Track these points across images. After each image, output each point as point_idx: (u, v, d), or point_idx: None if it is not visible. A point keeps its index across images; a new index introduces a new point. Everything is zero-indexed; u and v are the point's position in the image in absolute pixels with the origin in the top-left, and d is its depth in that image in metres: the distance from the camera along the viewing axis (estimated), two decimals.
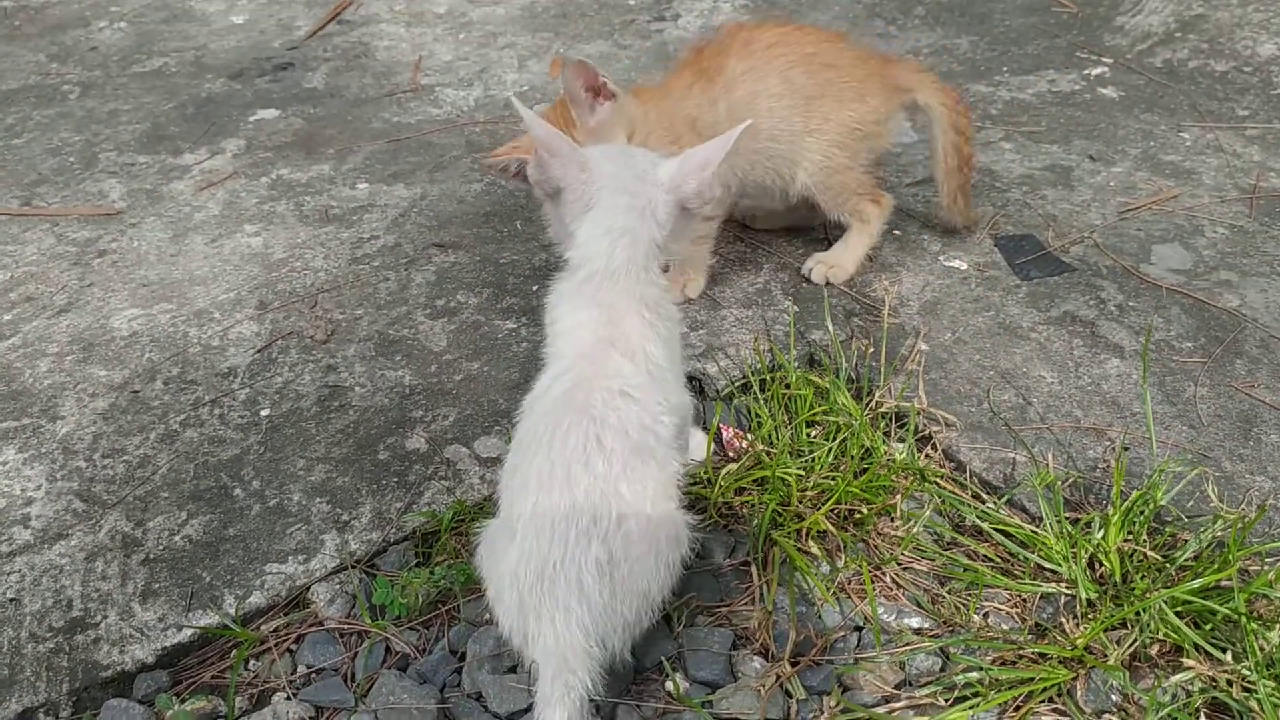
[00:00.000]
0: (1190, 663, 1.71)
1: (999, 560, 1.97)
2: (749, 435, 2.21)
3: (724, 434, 2.26)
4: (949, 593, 1.93)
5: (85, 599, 1.94)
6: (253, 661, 1.88)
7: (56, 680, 1.80)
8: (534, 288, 2.73)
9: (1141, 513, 1.93)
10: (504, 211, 3.09)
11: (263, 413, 2.37)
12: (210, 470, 2.22)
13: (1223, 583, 1.81)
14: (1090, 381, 2.37)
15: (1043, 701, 1.73)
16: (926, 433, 2.25)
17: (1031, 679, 1.73)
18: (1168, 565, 1.86)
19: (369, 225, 3.06)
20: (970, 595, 1.90)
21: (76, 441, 2.29)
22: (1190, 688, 1.71)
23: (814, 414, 2.22)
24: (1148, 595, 1.79)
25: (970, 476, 2.16)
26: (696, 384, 2.42)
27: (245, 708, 1.80)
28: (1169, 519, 1.98)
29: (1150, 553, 1.88)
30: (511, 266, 2.84)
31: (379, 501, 2.14)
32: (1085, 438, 2.23)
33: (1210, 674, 1.70)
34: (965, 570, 1.94)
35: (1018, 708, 1.72)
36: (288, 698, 1.80)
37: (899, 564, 1.97)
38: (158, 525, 2.09)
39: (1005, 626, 1.87)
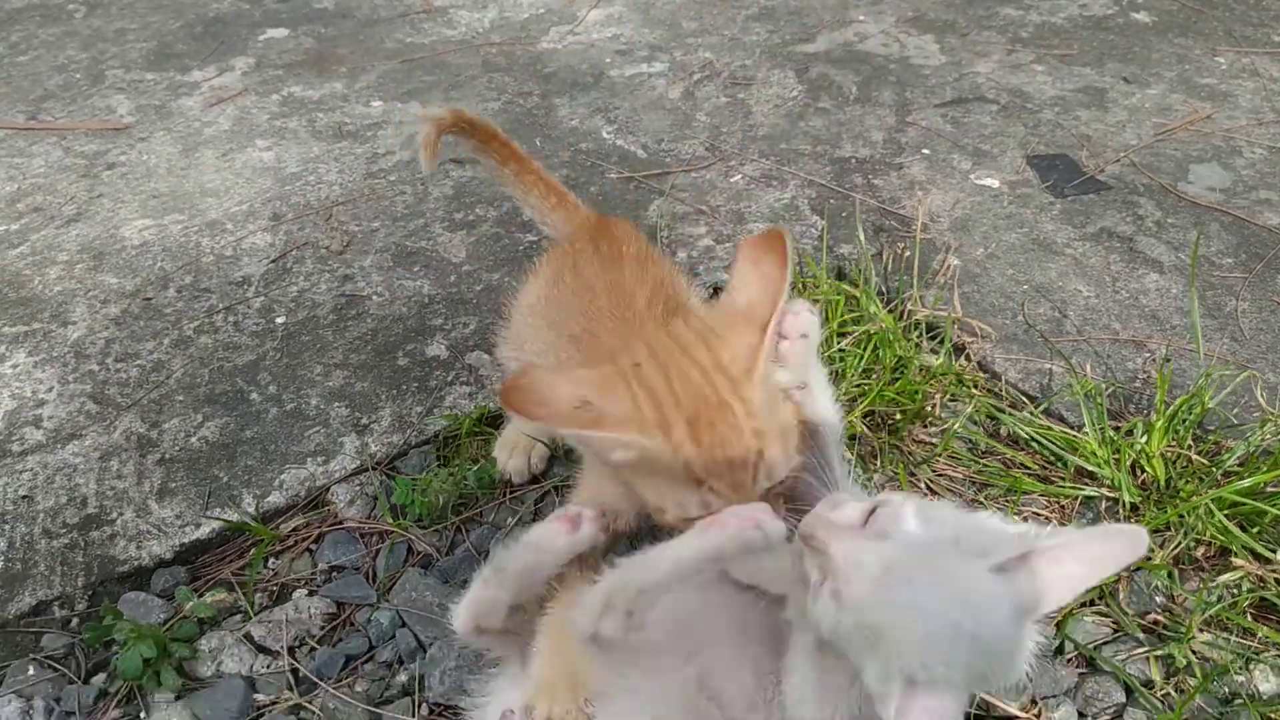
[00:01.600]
0: (1239, 562, 1.66)
1: (1037, 468, 1.92)
2: None
3: None
4: (986, 499, 1.88)
5: (100, 497, 1.89)
6: (272, 560, 1.83)
7: (71, 574, 1.76)
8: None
9: (1186, 418, 1.87)
10: (524, 128, 3.02)
11: (278, 320, 2.31)
12: (225, 375, 2.16)
13: (1269, 487, 1.76)
14: (1128, 295, 2.31)
15: (1084, 605, 1.69)
16: (960, 343, 2.19)
17: None
18: (1214, 469, 1.81)
19: (384, 141, 2.99)
20: (1008, 501, 1.85)
21: (88, 346, 2.23)
22: (1237, 588, 1.66)
23: (844, 321, 2.15)
24: (1194, 498, 1.74)
25: (1006, 386, 2.10)
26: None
27: (265, 604, 1.75)
28: (1213, 427, 1.92)
29: (1196, 457, 1.82)
30: None
31: (399, 406, 2.08)
32: (1124, 349, 2.17)
33: (1259, 574, 1.66)
34: (1003, 477, 1.89)
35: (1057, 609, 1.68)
36: (309, 594, 1.76)
37: (934, 471, 1.92)
38: (173, 427, 2.03)
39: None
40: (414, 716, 1.54)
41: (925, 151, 2.84)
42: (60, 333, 2.27)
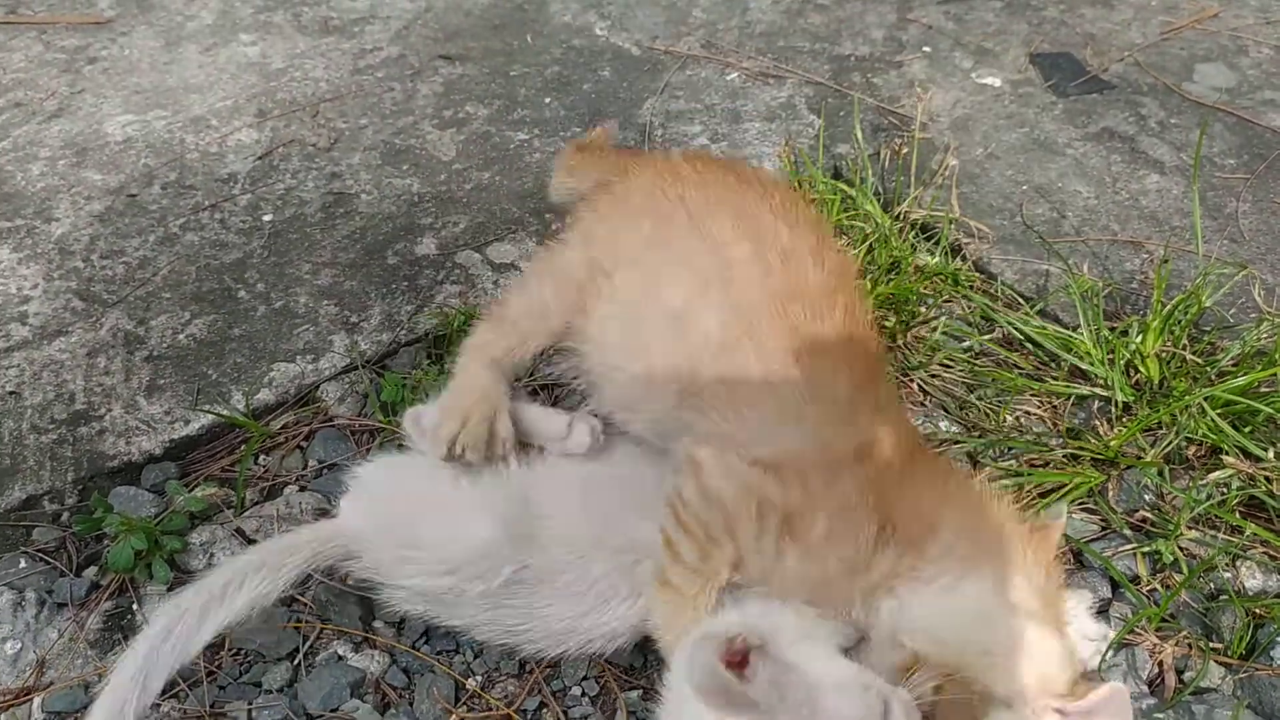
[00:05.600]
0: (1230, 461, 1.66)
1: (1031, 369, 1.91)
2: None
3: None
4: (978, 399, 1.87)
5: (88, 393, 1.88)
6: (263, 457, 1.83)
7: (61, 469, 1.75)
8: (546, 100, 2.61)
9: (1183, 317, 1.86)
10: (514, 24, 2.94)
11: (265, 218, 2.27)
12: (213, 272, 2.13)
13: (1263, 387, 1.75)
14: (1129, 196, 2.28)
15: (1073, 502, 1.69)
16: (957, 243, 2.16)
17: (1063, 482, 1.69)
18: (1208, 369, 1.80)
19: (371, 37, 2.91)
20: (1001, 401, 1.85)
21: (73, 243, 2.20)
22: (1227, 486, 1.66)
23: (839, 219, 2.12)
24: (1187, 397, 1.73)
25: (1001, 288, 2.08)
26: None
27: (256, 500, 1.75)
28: (1209, 327, 1.91)
29: (1190, 356, 1.81)
30: (523, 79, 2.70)
31: (388, 304, 2.06)
32: (1122, 250, 2.15)
33: (1249, 472, 1.66)
34: (995, 378, 1.88)
35: (1046, 506, 1.68)
36: (300, 489, 1.76)
37: (927, 371, 1.91)
38: (160, 324, 2.01)
39: (1037, 430, 1.81)
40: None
41: (926, 49, 2.78)
42: (44, 229, 2.23)
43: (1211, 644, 1.51)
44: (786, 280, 1.37)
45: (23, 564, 1.63)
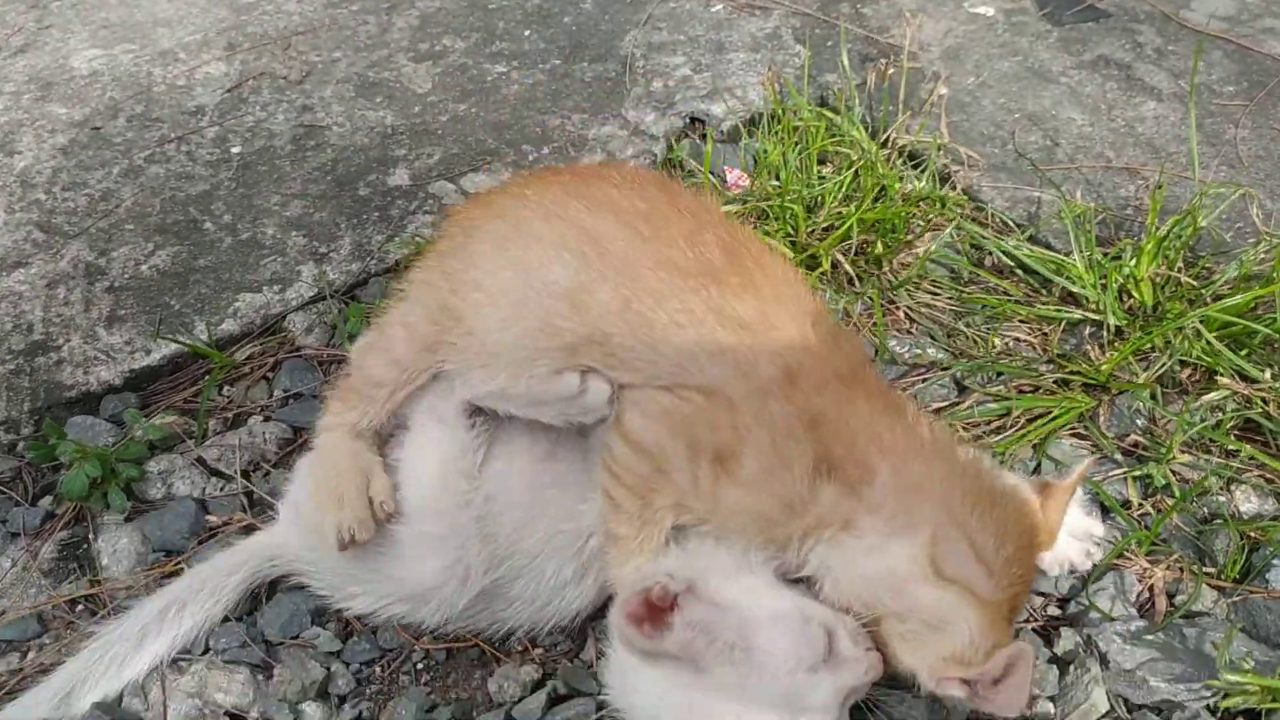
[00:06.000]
0: (1225, 382, 1.60)
1: (1021, 296, 1.85)
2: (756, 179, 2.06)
3: (728, 176, 2.11)
4: (966, 326, 1.81)
5: (47, 323, 1.82)
6: (227, 388, 1.77)
7: (17, 399, 1.70)
8: (525, 32, 2.53)
9: (1177, 240, 1.80)
10: None
11: (233, 150, 2.20)
12: (178, 204, 2.07)
13: (1260, 308, 1.69)
14: (1124, 124, 2.21)
15: (1062, 427, 1.63)
16: (946, 171, 2.10)
17: (1052, 408, 1.63)
18: (1203, 291, 1.74)
19: None
20: (990, 328, 1.79)
21: (35, 175, 2.13)
22: (1222, 409, 1.61)
23: (825, 146, 2.05)
24: (1182, 318, 1.67)
25: (991, 217, 2.01)
26: (699, 125, 2.25)
27: (220, 430, 1.70)
28: (1204, 252, 1.85)
29: (1186, 278, 1.75)
30: (501, 12, 2.62)
31: (359, 234, 2.00)
32: (1117, 177, 2.08)
33: (1246, 393, 1.60)
34: (984, 304, 1.82)
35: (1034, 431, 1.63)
36: (265, 419, 1.70)
37: (913, 298, 1.85)
38: (123, 255, 1.95)
39: (1026, 356, 1.75)
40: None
41: None
42: (6, 162, 2.16)
43: (1204, 568, 1.46)
44: (656, 234, 1.33)
45: None
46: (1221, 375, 1.62)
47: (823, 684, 1.14)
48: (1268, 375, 1.60)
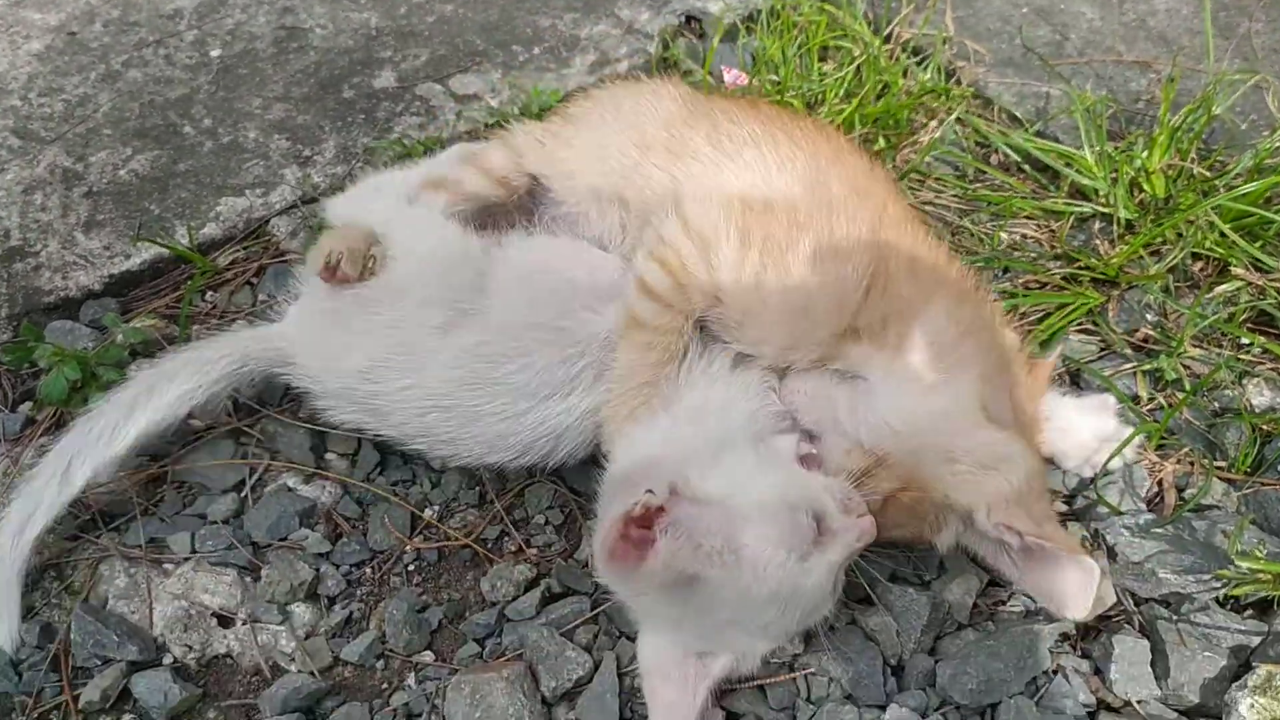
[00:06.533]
0: (1239, 272, 1.55)
1: (1028, 193, 1.79)
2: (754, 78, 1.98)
3: (726, 75, 2.03)
4: (972, 224, 1.75)
5: (23, 229, 1.76)
6: (210, 293, 1.72)
7: None
8: None
9: (1190, 130, 1.73)
10: None
11: (213, 53, 2.12)
12: (157, 109, 2.00)
13: (1277, 199, 1.63)
14: (1135, 18, 2.13)
15: (1072, 324, 1.59)
16: (952, 67, 2.02)
17: (1062, 304, 1.58)
18: (1216, 183, 1.68)
19: None
20: (996, 224, 1.73)
21: (10, 81, 2.06)
22: (1234, 301, 1.56)
23: (826, 41, 1.98)
24: (1194, 208, 1.61)
25: (999, 113, 1.95)
26: (695, 23, 2.17)
27: (203, 336, 1.65)
28: (1217, 145, 1.78)
29: (1199, 169, 1.69)
30: None
31: (344, 137, 1.93)
32: (1128, 71, 2.01)
33: (1260, 284, 1.55)
34: (991, 200, 1.76)
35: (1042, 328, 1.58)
36: (249, 323, 1.65)
37: (917, 197, 1.79)
38: (100, 160, 1.89)
39: (1034, 253, 1.70)
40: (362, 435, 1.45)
41: None
42: None
43: (1214, 462, 1.42)
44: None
45: None
46: (1235, 266, 1.57)
47: (815, 568, 1.11)
48: None
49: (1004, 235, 1.70)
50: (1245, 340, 1.52)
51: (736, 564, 1.11)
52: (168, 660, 1.28)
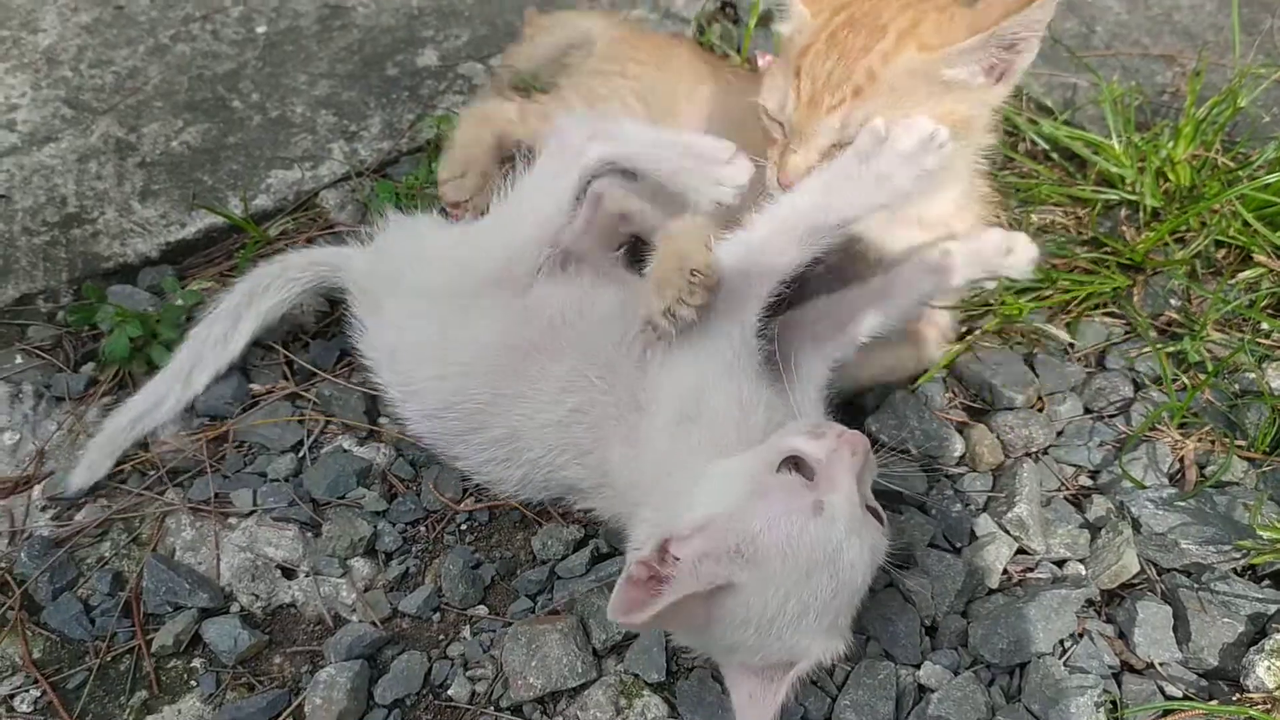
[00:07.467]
0: (1261, 259, 1.61)
1: (1056, 180, 1.84)
2: None
3: (760, 60, 2.08)
4: (1001, 210, 1.80)
5: (80, 197, 1.82)
6: (261, 263, 1.77)
7: (55, 270, 1.71)
8: None
9: (1216, 121, 1.78)
10: None
11: (259, 29, 2.18)
12: (205, 83, 2.05)
13: None
14: (1161, 12, 2.18)
15: (1095, 307, 1.64)
16: None
17: (1089, 285, 1.64)
18: (1240, 173, 1.73)
19: None
20: (1025, 210, 1.78)
21: (60, 53, 2.11)
22: (1256, 286, 1.61)
23: None
24: (1219, 197, 1.66)
25: (1028, 102, 2.00)
26: (730, 9, 2.22)
27: None
28: (1241, 136, 1.84)
29: (1223, 159, 1.74)
30: None
31: (389, 114, 1.98)
32: (1154, 64, 2.06)
33: None
34: (1019, 187, 1.81)
35: (1068, 311, 1.64)
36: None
37: None
38: (153, 132, 1.94)
39: (1062, 237, 1.75)
40: None
41: None
42: (30, 40, 2.14)
43: (1235, 440, 1.48)
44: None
45: (19, 360, 1.60)
46: (1257, 254, 1.62)
47: (837, 514, 1.07)
48: None
49: (1034, 217, 1.75)
50: (1266, 325, 1.58)
51: (761, 557, 1.07)
52: (235, 608, 1.34)
